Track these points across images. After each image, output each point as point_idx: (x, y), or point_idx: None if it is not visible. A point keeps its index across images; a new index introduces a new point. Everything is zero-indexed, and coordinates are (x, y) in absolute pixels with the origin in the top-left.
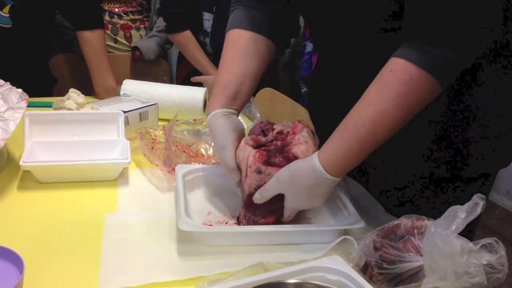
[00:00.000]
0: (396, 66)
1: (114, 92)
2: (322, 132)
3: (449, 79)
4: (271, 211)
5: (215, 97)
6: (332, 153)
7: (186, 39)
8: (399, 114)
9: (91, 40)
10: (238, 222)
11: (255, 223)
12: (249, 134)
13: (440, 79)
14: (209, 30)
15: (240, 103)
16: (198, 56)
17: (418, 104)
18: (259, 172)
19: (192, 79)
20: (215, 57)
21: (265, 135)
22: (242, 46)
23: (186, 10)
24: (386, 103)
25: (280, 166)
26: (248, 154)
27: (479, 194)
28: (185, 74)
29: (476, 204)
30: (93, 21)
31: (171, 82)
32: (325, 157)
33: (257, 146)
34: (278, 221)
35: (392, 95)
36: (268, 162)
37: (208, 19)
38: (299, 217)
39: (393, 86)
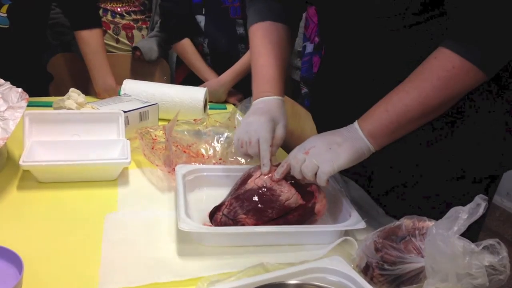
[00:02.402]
0: (441, 55)
1: (114, 91)
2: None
3: (494, 70)
4: (256, 211)
5: (254, 85)
6: (366, 116)
7: (183, 48)
8: (436, 95)
9: (89, 40)
10: (215, 211)
11: (235, 215)
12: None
13: (485, 69)
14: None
15: (278, 85)
16: (195, 63)
17: (458, 91)
18: (273, 181)
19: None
20: (213, 58)
21: None
22: (265, 37)
23: (182, 20)
24: (424, 84)
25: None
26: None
27: (481, 195)
28: (185, 74)
29: (478, 205)
30: (91, 20)
31: (171, 82)
32: (361, 119)
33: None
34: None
35: (432, 77)
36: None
37: (200, 21)
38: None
39: (435, 71)
